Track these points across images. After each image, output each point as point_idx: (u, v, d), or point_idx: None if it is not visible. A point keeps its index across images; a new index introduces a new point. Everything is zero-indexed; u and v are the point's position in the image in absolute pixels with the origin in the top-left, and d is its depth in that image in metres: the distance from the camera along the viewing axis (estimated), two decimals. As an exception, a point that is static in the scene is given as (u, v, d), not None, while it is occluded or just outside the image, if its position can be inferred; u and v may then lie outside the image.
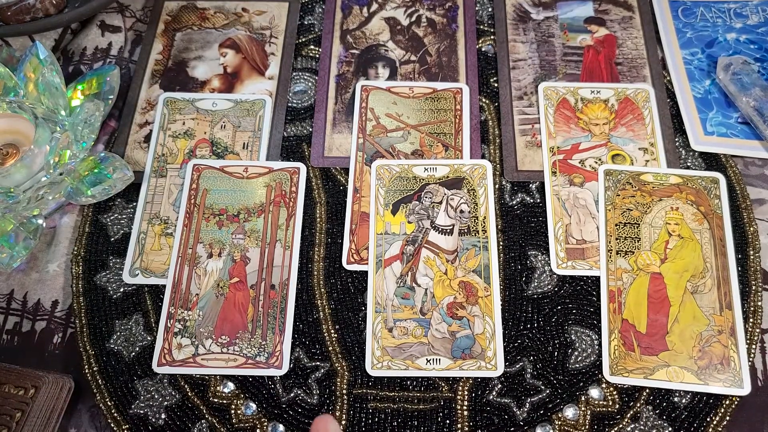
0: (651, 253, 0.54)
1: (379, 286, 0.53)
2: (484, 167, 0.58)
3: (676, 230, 0.55)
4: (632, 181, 0.57)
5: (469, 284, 0.53)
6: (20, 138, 0.57)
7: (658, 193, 0.56)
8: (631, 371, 0.50)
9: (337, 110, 0.63)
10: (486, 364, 0.50)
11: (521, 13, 0.68)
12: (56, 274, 0.56)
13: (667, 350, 0.50)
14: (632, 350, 0.50)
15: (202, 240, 0.55)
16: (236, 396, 0.50)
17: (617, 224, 0.55)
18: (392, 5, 0.69)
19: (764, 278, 0.54)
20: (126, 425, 0.49)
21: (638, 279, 0.53)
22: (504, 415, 0.49)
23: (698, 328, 0.51)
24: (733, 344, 0.50)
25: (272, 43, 0.67)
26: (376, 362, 0.50)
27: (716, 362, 0.50)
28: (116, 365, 0.51)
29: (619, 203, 0.56)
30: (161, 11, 0.70)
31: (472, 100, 0.62)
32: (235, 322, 0.52)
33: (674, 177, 0.57)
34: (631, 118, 0.61)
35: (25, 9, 0.64)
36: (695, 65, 0.65)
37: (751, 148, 0.59)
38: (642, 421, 0.49)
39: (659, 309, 0.52)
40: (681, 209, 0.55)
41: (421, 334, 0.51)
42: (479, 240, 0.55)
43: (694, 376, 0.49)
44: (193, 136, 0.61)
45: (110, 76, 0.61)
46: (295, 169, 0.59)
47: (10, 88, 0.58)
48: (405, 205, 0.56)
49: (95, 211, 0.58)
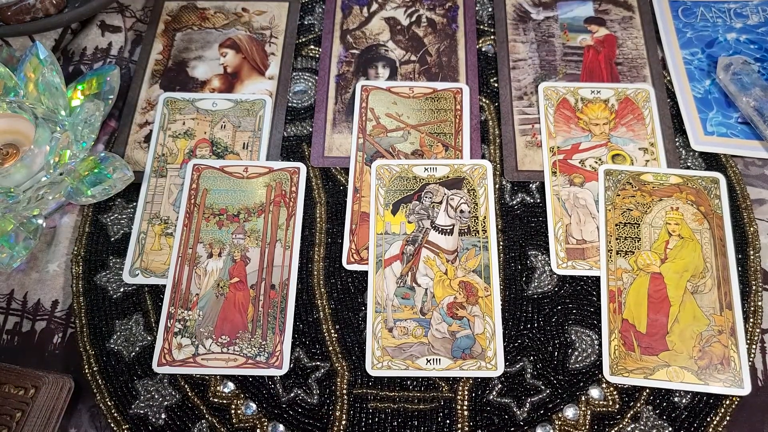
0: (651, 253, 0.54)
1: (379, 286, 0.53)
2: (484, 167, 0.58)
3: (677, 230, 0.54)
4: (632, 181, 0.57)
5: (469, 284, 0.53)
6: (20, 138, 0.57)
7: (658, 193, 0.56)
8: (632, 371, 0.50)
9: (337, 110, 0.63)
10: (486, 364, 0.50)
11: (521, 13, 0.68)
12: (56, 274, 0.56)
13: (668, 350, 0.50)
14: (632, 350, 0.50)
15: (202, 240, 0.55)
16: (236, 396, 0.50)
17: (617, 224, 0.55)
18: (392, 5, 0.69)
19: (764, 278, 0.54)
20: (126, 425, 0.49)
21: (638, 279, 0.53)
22: (504, 415, 0.49)
23: (698, 328, 0.51)
24: (733, 344, 0.50)
25: (272, 43, 0.67)
26: (376, 362, 0.50)
27: (716, 362, 0.50)
28: (116, 365, 0.51)
29: (619, 203, 0.56)
30: (161, 11, 0.70)
31: (472, 100, 0.62)
32: (235, 322, 0.52)
33: (674, 177, 0.57)
34: (631, 118, 0.61)
35: (25, 9, 0.64)
36: (695, 65, 0.65)
37: (751, 148, 0.59)
38: (642, 421, 0.49)
39: (659, 309, 0.52)
40: (681, 209, 0.55)
41: (421, 334, 0.51)
42: (479, 240, 0.54)
43: (695, 376, 0.49)
44: (193, 136, 0.61)
45: (110, 76, 0.61)
46: (295, 169, 0.59)
47: (10, 88, 0.58)
48: (405, 205, 0.56)
49: (95, 211, 0.58)
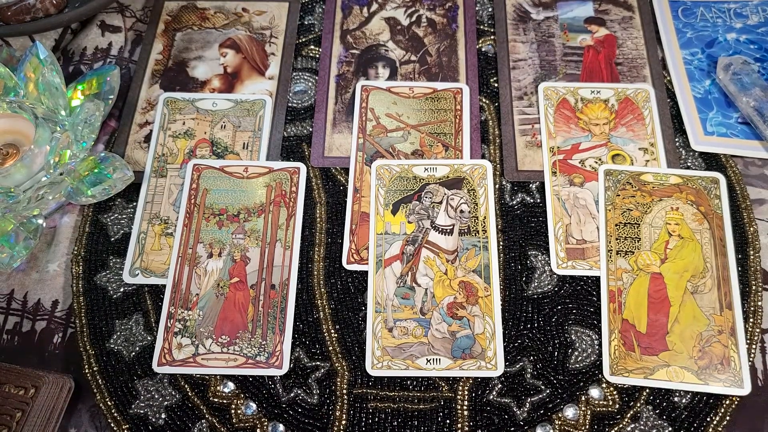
0: (651, 253, 0.54)
1: (379, 286, 0.53)
2: (484, 167, 0.58)
3: (676, 230, 0.54)
4: (632, 181, 0.57)
5: (469, 284, 0.53)
6: (20, 138, 0.57)
7: (658, 193, 0.56)
8: (632, 371, 0.50)
9: (337, 110, 0.63)
10: (486, 364, 0.50)
11: (521, 13, 0.68)
12: (56, 274, 0.56)
13: (668, 350, 0.50)
14: (632, 350, 0.50)
15: (202, 240, 0.55)
16: (236, 396, 0.50)
17: (617, 224, 0.55)
18: (392, 5, 0.69)
19: (764, 278, 0.54)
20: (126, 425, 0.49)
21: (638, 279, 0.53)
22: (504, 415, 0.49)
23: (698, 328, 0.51)
24: (733, 344, 0.50)
25: (272, 43, 0.67)
26: (376, 362, 0.50)
27: (716, 362, 0.50)
28: (116, 365, 0.51)
29: (619, 203, 0.56)
30: (161, 11, 0.70)
31: (472, 100, 0.62)
32: (235, 322, 0.52)
33: (674, 177, 0.57)
34: (631, 118, 0.61)
35: (25, 9, 0.64)
36: (695, 65, 0.65)
37: (751, 148, 0.59)
38: (642, 421, 0.49)
39: (659, 309, 0.52)
40: (681, 209, 0.55)
41: (421, 334, 0.51)
42: (479, 240, 0.55)
43: (694, 376, 0.49)
44: (193, 136, 0.61)
45: (110, 76, 0.61)
46: (295, 169, 0.59)
47: (10, 88, 0.58)
48: (405, 205, 0.56)
49: (95, 211, 0.58)
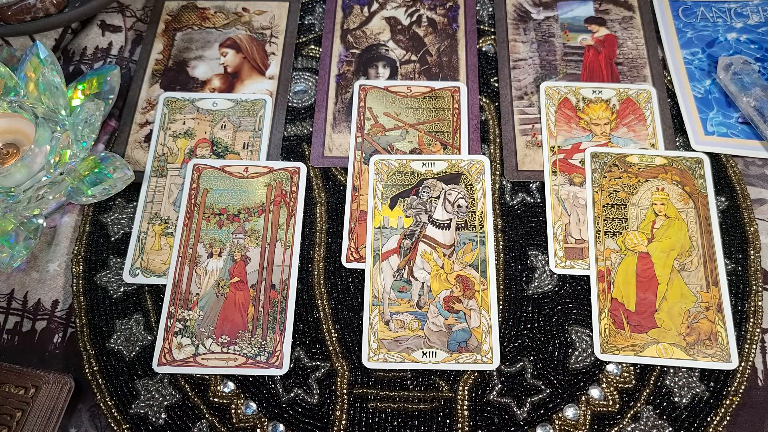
0: (638, 233, 0.54)
1: (376, 279, 0.53)
2: (481, 162, 0.58)
3: (662, 210, 0.55)
4: (618, 163, 0.57)
5: (465, 278, 0.53)
6: (21, 138, 0.57)
7: (644, 174, 0.57)
8: (622, 349, 0.50)
9: (338, 110, 0.63)
10: (482, 358, 0.50)
11: (522, 12, 0.68)
12: (56, 273, 0.56)
13: (656, 327, 0.51)
14: (622, 328, 0.51)
15: (202, 240, 0.55)
16: (236, 396, 0.50)
17: (605, 205, 0.55)
18: (393, 5, 0.69)
19: (764, 278, 0.54)
20: (126, 425, 0.49)
21: (626, 259, 0.53)
22: (504, 414, 0.49)
23: (686, 305, 0.51)
24: (720, 320, 0.51)
25: (272, 42, 0.67)
26: (372, 354, 0.50)
27: (704, 338, 0.50)
28: (116, 365, 0.51)
29: (606, 185, 0.56)
30: (161, 11, 0.70)
31: (470, 98, 0.62)
32: (235, 322, 0.52)
33: (659, 158, 0.57)
34: (632, 119, 0.61)
35: (25, 9, 0.64)
36: (696, 65, 0.64)
37: (751, 148, 0.59)
38: (642, 421, 0.49)
39: (647, 287, 0.52)
40: (666, 189, 0.56)
41: (417, 327, 0.51)
42: (476, 234, 0.55)
43: (683, 351, 0.50)
44: (194, 135, 0.61)
45: (111, 76, 0.61)
46: (295, 168, 0.59)
47: (10, 87, 0.58)
48: (403, 200, 0.56)
49: (95, 210, 0.58)
